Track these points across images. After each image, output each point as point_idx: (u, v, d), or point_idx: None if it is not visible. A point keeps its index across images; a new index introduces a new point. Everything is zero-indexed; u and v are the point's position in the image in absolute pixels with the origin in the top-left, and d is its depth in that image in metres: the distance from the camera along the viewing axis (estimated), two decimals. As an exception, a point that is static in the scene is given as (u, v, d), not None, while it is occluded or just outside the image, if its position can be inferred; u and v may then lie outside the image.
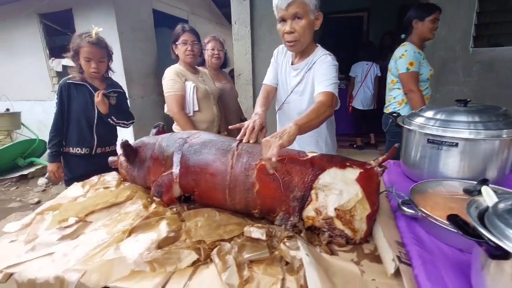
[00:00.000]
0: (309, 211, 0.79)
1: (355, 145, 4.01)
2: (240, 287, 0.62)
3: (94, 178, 1.28)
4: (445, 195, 0.80)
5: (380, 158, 0.80)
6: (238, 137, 1.01)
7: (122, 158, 1.22)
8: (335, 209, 0.76)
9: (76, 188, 1.24)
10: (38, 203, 3.14)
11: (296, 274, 0.65)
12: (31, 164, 4.02)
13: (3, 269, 0.78)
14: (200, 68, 2.02)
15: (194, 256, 0.73)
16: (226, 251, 0.74)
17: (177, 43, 1.80)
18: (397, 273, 0.65)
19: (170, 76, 1.75)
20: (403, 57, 1.78)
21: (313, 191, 0.80)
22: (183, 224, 0.88)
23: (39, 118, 4.30)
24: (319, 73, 1.15)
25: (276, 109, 1.45)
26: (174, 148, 1.02)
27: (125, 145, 1.09)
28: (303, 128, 0.88)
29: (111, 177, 1.29)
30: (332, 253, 0.75)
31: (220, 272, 0.67)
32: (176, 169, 0.98)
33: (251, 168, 0.87)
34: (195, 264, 0.72)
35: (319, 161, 0.84)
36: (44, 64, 4.08)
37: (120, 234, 0.85)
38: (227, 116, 2.24)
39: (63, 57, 1.92)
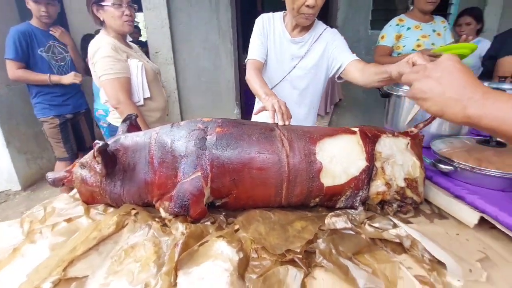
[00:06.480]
0: (379, 187, 0.77)
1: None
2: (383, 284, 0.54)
3: (38, 210, 0.82)
4: (463, 149, 0.94)
5: (421, 124, 0.85)
6: (271, 121, 0.85)
7: (84, 173, 0.83)
8: (405, 179, 0.77)
9: (8, 231, 0.76)
10: None
11: (414, 251, 0.63)
12: None
13: None
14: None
15: (294, 271, 0.59)
16: (327, 252, 0.63)
17: (103, 3, 1.31)
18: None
19: (107, 52, 1.26)
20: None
21: (377, 163, 0.77)
22: (242, 238, 0.69)
23: None
24: (339, 45, 1.16)
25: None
26: (191, 145, 0.76)
27: (103, 150, 0.74)
28: None
29: (64, 203, 0.87)
30: (407, 221, 0.77)
31: (342, 277, 0.57)
32: (205, 171, 0.74)
33: (313, 153, 0.75)
34: (303, 279, 0.58)
35: (369, 130, 0.82)
36: None
37: (163, 276, 0.59)
38: None
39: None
